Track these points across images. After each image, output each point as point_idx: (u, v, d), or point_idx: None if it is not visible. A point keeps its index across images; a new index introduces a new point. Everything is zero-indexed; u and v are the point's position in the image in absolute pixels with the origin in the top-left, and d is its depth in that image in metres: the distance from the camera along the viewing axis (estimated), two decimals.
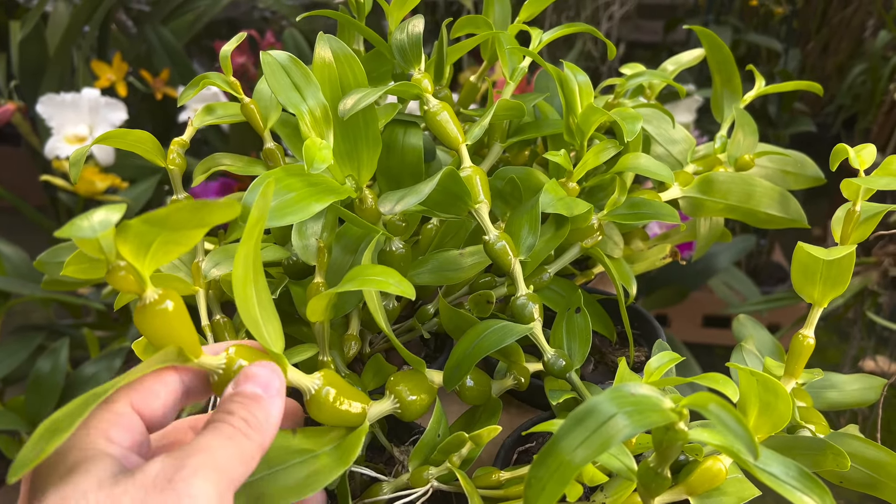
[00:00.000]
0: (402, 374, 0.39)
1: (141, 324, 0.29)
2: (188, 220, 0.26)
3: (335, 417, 0.34)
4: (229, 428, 0.28)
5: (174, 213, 0.26)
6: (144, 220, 0.26)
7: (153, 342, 0.29)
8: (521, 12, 0.56)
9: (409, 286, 0.37)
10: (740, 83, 0.64)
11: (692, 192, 0.56)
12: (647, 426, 0.28)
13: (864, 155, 0.41)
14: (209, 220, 0.27)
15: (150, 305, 0.28)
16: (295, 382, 0.33)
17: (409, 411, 0.38)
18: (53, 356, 0.99)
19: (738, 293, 1.45)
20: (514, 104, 0.49)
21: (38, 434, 0.25)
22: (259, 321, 0.30)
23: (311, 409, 0.34)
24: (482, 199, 0.43)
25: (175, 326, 0.29)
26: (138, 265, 0.28)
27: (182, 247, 0.28)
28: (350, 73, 0.43)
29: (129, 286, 0.28)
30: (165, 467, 0.26)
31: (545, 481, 0.28)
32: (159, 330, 0.29)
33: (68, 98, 1.19)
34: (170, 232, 0.27)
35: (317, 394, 0.33)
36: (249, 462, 0.29)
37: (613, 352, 0.56)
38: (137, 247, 0.27)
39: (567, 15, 1.64)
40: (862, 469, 0.43)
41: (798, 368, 0.43)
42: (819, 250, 0.39)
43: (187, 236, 0.28)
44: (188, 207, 0.26)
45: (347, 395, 0.35)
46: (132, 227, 0.26)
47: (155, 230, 0.26)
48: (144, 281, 0.28)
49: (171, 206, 0.25)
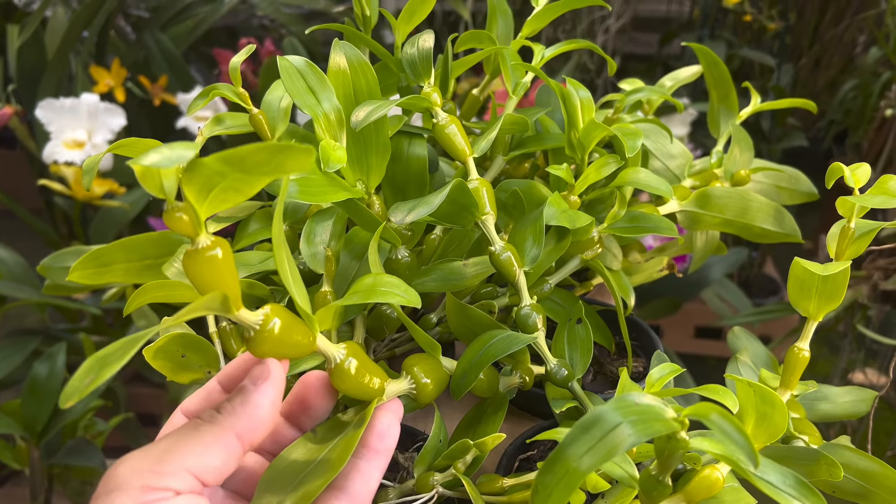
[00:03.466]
0: (418, 356, 0.40)
1: (190, 268, 0.29)
2: (265, 163, 0.26)
3: (356, 389, 0.35)
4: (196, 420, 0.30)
5: (254, 153, 0.26)
6: (222, 157, 0.26)
7: (200, 288, 0.29)
8: (524, 28, 0.57)
9: (415, 295, 0.38)
10: (736, 100, 0.65)
11: (690, 206, 0.57)
12: (650, 435, 0.29)
13: (859, 174, 0.42)
14: (285, 166, 0.27)
15: (202, 251, 0.29)
16: (322, 349, 0.34)
17: (422, 393, 0.39)
18: (50, 360, 0.99)
19: (730, 305, 1.46)
20: (518, 119, 0.50)
21: (87, 367, 0.26)
22: (291, 280, 0.31)
23: (334, 379, 0.35)
24: (489, 210, 0.44)
25: (223, 274, 0.29)
26: (197, 207, 0.28)
27: (241, 195, 0.28)
28: (363, 79, 0.44)
29: (184, 228, 0.28)
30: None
31: (552, 488, 0.29)
32: (207, 276, 0.29)
33: (67, 103, 1.20)
34: (239, 174, 0.27)
35: (341, 363, 0.34)
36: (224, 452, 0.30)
37: (612, 362, 0.57)
38: (200, 188, 0.27)
39: (563, 28, 1.66)
40: (854, 479, 0.44)
41: (793, 380, 0.44)
42: (815, 266, 0.40)
43: (252, 183, 0.28)
44: (269, 148, 0.26)
45: (368, 370, 0.36)
46: (204, 165, 0.26)
47: (225, 171, 0.26)
48: (200, 224, 0.28)
49: (252, 146, 0.26)
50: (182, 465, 0.29)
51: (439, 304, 0.53)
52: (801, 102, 0.65)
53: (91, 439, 1.02)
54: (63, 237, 1.41)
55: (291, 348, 0.32)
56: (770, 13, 1.75)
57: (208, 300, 0.29)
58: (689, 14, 2.11)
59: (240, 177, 0.27)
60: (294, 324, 0.32)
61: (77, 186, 1.21)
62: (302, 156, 0.26)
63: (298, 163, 0.26)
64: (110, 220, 1.29)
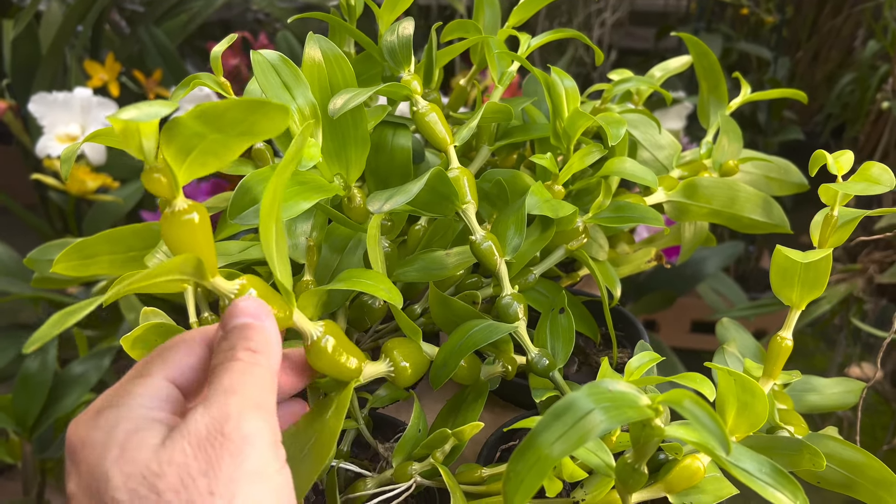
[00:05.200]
0: (398, 340, 0.40)
1: (167, 231, 0.29)
2: (240, 121, 0.27)
3: (332, 368, 0.35)
4: (240, 363, 0.29)
5: (230, 109, 0.26)
6: (198, 112, 0.26)
7: (175, 251, 0.29)
8: (511, 17, 0.57)
9: (397, 294, 0.38)
10: (726, 90, 0.65)
11: (677, 196, 0.57)
12: (623, 421, 0.28)
13: (841, 161, 0.42)
14: (259, 127, 0.27)
15: (179, 213, 0.29)
16: (298, 325, 0.34)
17: (401, 377, 0.39)
18: (42, 355, 0.99)
19: (726, 299, 1.46)
20: (501, 107, 0.49)
21: (53, 320, 0.26)
22: (275, 256, 0.31)
23: (310, 356, 0.35)
24: (469, 199, 0.44)
25: (198, 239, 0.29)
26: (176, 169, 0.28)
27: (220, 160, 0.28)
28: (339, 73, 0.43)
29: (161, 190, 0.28)
30: (212, 421, 0.27)
31: (523, 475, 0.28)
32: (183, 239, 0.29)
33: (60, 97, 1.19)
34: (216, 134, 0.27)
35: (317, 341, 0.34)
36: (272, 385, 0.30)
37: (597, 353, 0.57)
38: (179, 149, 0.27)
39: (559, 21, 1.65)
40: (839, 470, 0.44)
41: (776, 369, 0.44)
42: (796, 253, 0.40)
43: (230, 146, 0.28)
44: (243, 104, 0.26)
45: (346, 349, 0.35)
46: (181, 123, 0.26)
47: (203, 131, 0.26)
48: (178, 187, 0.28)
49: (227, 101, 0.26)
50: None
51: (423, 296, 0.53)
52: (792, 93, 0.65)
53: None
54: (58, 232, 1.41)
55: None
56: (767, 6, 1.74)
57: (181, 262, 0.29)
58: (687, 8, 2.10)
59: (217, 138, 0.27)
60: (270, 295, 0.32)
61: (71, 181, 1.21)
62: (276, 113, 0.26)
63: (273, 122, 0.26)
64: (104, 214, 1.28)
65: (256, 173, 0.38)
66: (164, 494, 0.25)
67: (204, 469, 0.25)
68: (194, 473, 0.25)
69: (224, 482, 0.25)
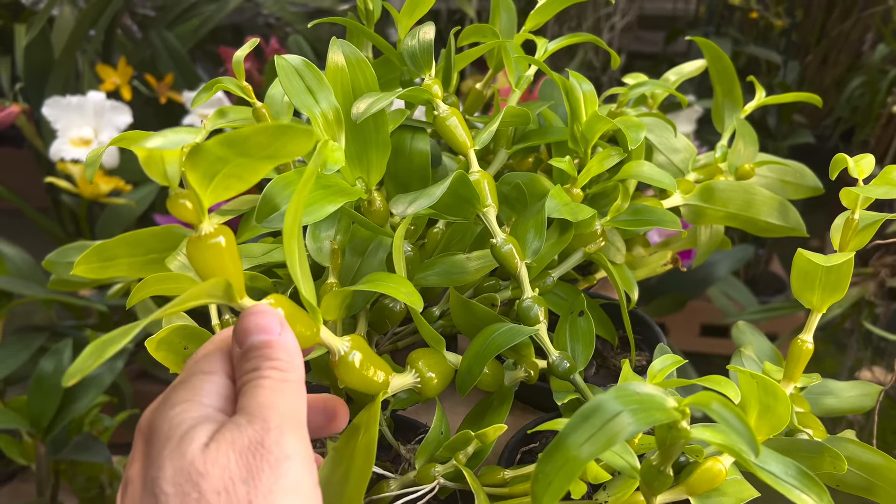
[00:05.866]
0: (422, 351, 0.40)
1: (194, 255, 0.29)
2: (265, 145, 0.27)
3: (360, 382, 0.35)
4: (269, 381, 0.29)
5: (254, 135, 0.26)
6: (223, 139, 0.26)
7: (203, 276, 0.30)
8: (528, 22, 0.57)
9: (418, 297, 0.39)
10: (741, 94, 0.65)
11: (693, 199, 0.57)
12: (650, 424, 0.28)
13: (862, 165, 0.42)
14: (286, 149, 0.27)
15: (205, 238, 0.29)
16: (326, 341, 0.34)
17: (427, 387, 0.39)
18: (56, 356, 0.99)
19: (736, 303, 1.46)
20: (520, 111, 0.50)
21: (90, 350, 0.26)
22: (299, 274, 0.31)
23: (338, 371, 0.35)
24: (490, 202, 0.44)
25: (226, 262, 0.29)
26: (201, 193, 0.28)
27: (244, 182, 0.28)
28: (362, 77, 0.44)
29: (187, 215, 0.28)
30: (253, 431, 0.27)
31: (552, 476, 0.29)
32: (211, 263, 0.29)
33: (74, 101, 1.20)
34: (241, 158, 0.27)
35: (345, 356, 0.35)
36: (303, 399, 0.30)
37: (615, 356, 0.57)
38: (203, 174, 0.27)
39: (569, 25, 1.66)
40: (858, 473, 0.44)
41: (797, 372, 0.44)
42: (819, 257, 0.40)
43: (254, 168, 0.28)
44: (269, 129, 0.26)
45: (373, 363, 0.36)
46: (205, 149, 0.26)
47: (227, 155, 0.27)
48: (203, 211, 0.28)
49: (253, 126, 0.26)
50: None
51: (442, 298, 0.53)
52: (806, 96, 0.65)
53: (97, 435, 1.03)
54: (70, 235, 1.41)
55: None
56: (776, 10, 1.74)
57: (211, 286, 0.29)
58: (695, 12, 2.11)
59: (242, 162, 0.27)
60: (297, 314, 0.32)
61: (83, 184, 1.21)
62: (302, 137, 0.26)
63: (299, 145, 0.26)
64: (117, 217, 1.29)
65: (281, 178, 0.39)
66: (206, 494, 0.25)
67: (245, 477, 0.26)
68: (236, 480, 0.26)
69: (263, 493, 0.26)
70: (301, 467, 0.27)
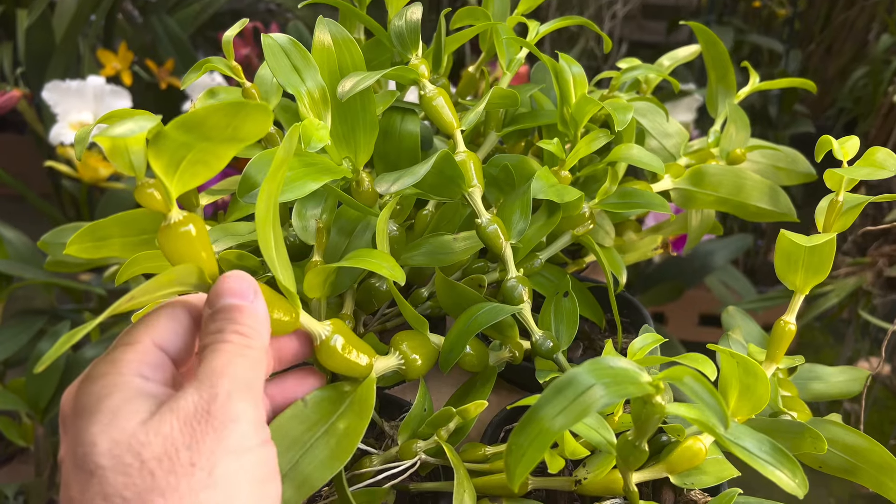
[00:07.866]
0: (406, 333, 0.40)
1: (164, 244, 0.29)
2: (223, 126, 0.26)
3: (343, 366, 0.36)
4: (229, 346, 0.29)
5: (211, 115, 0.26)
6: (180, 122, 0.26)
7: (174, 262, 0.30)
8: (520, 4, 0.57)
9: (399, 271, 0.39)
10: (735, 80, 0.65)
11: (683, 183, 0.57)
12: (623, 396, 0.29)
13: (847, 146, 0.42)
14: (243, 130, 0.27)
15: (175, 226, 0.29)
16: (306, 326, 0.34)
17: (411, 369, 0.39)
18: (54, 339, 1.00)
19: (734, 292, 1.46)
20: (508, 92, 0.50)
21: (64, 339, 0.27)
22: (276, 260, 0.31)
23: (320, 356, 0.35)
24: (475, 183, 0.44)
25: (196, 248, 0.30)
26: (167, 182, 0.28)
27: (210, 168, 0.28)
28: (349, 57, 0.44)
29: (155, 204, 0.28)
30: (199, 399, 0.27)
31: (525, 447, 0.29)
32: (181, 250, 0.29)
33: (74, 85, 1.20)
34: (203, 143, 0.27)
35: (326, 340, 0.35)
36: (261, 366, 0.30)
37: (602, 338, 0.57)
38: (168, 162, 0.27)
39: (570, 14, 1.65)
40: (841, 454, 0.44)
41: (779, 353, 0.44)
42: (801, 237, 0.40)
43: (218, 153, 0.28)
44: (224, 108, 0.26)
45: (355, 346, 0.36)
46: (167, 136, 0.26)
47: (189, 141, 0.26)
48: (171, 200, 0.29)
49: (208, 106, 0.26)
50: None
51: (431, 280, 0.53)
52: (801, 82, 0.65)
53: None
54: (70, 220, 1.42)
55: (274, 325, 0.32)
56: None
57: (182, 272, 0.29)
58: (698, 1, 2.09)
59: (204, 146, 0.27)
60: (276, 300, 0.32)
61: (83, 168, 1.22)
62: (258, 114, 0.26)
63: (256, 124, 0.26)
64: (116, 201, 1.30)
65: (263, 155, 0.39)
66: (147, 462, 0.26)
67: (188, 443, 0.26)
68: (178, 446, 0.26)
69: (206, 455, 0.26)
70: (247, 429, 0.28)
